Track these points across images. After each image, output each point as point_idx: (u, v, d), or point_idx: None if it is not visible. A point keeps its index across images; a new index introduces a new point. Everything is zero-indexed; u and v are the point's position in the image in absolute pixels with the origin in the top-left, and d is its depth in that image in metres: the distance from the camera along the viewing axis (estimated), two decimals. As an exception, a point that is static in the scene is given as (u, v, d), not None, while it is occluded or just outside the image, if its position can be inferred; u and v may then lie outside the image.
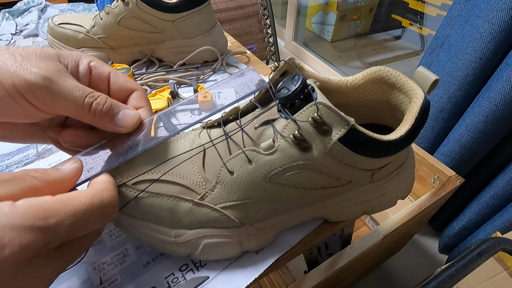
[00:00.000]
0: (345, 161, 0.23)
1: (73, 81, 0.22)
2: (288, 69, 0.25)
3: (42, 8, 0.98)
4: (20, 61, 0.20)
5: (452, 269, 0.34)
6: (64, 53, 0.23)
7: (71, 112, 0.22)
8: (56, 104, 0.21)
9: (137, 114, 0.24)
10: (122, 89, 0.25)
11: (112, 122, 0.23)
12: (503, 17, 0.49)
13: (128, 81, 0.26)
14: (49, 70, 0.21)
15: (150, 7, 0.47)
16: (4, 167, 0.36)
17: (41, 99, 0.20)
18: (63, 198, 0.17)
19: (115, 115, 0.23)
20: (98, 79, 0.25)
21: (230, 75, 0.55)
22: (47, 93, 0.20)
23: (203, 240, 0.25)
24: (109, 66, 0.26)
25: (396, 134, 0.22)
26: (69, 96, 0.21)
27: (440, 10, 1.04)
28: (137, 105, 0.25)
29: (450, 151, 0.63)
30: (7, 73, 0.19)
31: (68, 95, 0.21)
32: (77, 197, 0.18)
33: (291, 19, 1.51)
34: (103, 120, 0.23)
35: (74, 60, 0.24)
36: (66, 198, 0.17)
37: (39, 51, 0.22)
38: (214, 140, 0.26)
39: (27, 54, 0.21)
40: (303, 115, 0.22)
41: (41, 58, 0.21)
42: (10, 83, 0.19)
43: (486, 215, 0.63)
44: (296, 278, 0.37)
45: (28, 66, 0.20)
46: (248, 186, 0.24)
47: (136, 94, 0.26)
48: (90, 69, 0.24)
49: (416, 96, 0.22)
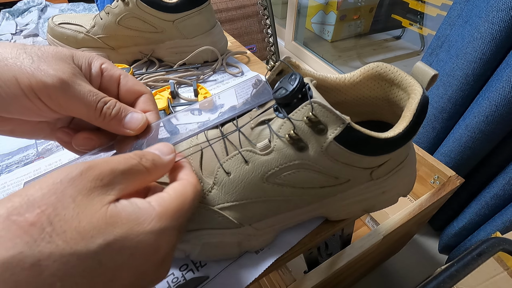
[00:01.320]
0: (342, 160, 0.23)
1: (87, 86, 0.23)
2: (285, 68, 0.25)
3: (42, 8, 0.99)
4: (37, 62, 0.21)
5: (452, 269, 0.34)
6: (78, 54, 0.24)
7: (83, 114, 0.23)
8: (70, 107, 0.22)
9: (144, 117, 0.25)
10: (131, 91, 0.26)
11: (120, 125, 0.24)
12: (503, 17, 0.49)
13: (137, 84, 0.27)
14: (66, 73, 0.21)
15: (150, 7, 0.47)
16: (4, 167, 0.36)
17: (56, 100, 0.21)
18: (179, 196, 0.19)
19: (123, 118, 0.24)
20: (109, 80, 0.25)
21: (230, 75, 0.55)
22: (62, 95, 0.21)
23: (202, 241, 0.25)
24: (119, 68, 0.26)
25: (394, 131, 0.22)
26: (83, 100, 0.22)
27: (440, 10, 1.04)
28: (145, 108, 0.26)
29: (450, 151, 0.63)
30: (24, 73, 0.20)
31: (82, 99, 0.22)
32: (186, 192, 0.19)
33: (291, 19, 1.51)
34: (112, 123, 0.24)
35: (88, 62, 0.24)
36: (180, 195, 0.19)
37: (55, 51, 0.22)
38: (211, 141, 0.25)
39: (43, 55, 0.21)
40: (298, 114, 0.21)
41: (57, 59, 0.22)
42: (27, 83, 0.20)
43: (486, 215, 0.63)
44: (296, 278, 0.37)
45: (45, 68, 0.21)
46: (245, 186, 0.24)
47: (145, 98, 0.27)
48: (102, 71, 0.25)
49: (415, 92, 0.22)
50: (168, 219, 0.17)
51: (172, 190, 0.19)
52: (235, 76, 0.55)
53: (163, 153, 0.21)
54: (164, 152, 0.21)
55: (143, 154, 0.19)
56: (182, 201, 0.19)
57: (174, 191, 0.19)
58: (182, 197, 0.19)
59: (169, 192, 0.19)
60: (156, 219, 0.17)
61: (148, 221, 0.16)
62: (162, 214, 0.17)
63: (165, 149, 0.21)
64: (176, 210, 0.18)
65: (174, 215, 0.18)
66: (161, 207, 0.17)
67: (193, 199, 0.20)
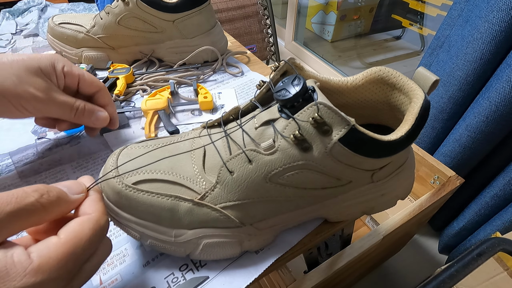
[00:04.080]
0: (345, 161, 0.23)
1: (61, 96, 0.31)
2: (288, 69, 0.25)
3: (42, 7, 0.98)
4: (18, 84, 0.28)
5: (452, 269, 0.34)
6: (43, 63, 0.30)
7: (61, 116, 0.32)
8: (50, 112, 0.32)
9: (107, 115, 0.35)
10: (89, 87, 0.35)
11: (90, 121, 0.34)
12: (503, 17, 0.49)
13: (94, 81, 0.35)
14: (42, 88, 0.29)
15: (150, 7, 0.47)
16: (4, 167, 0.36)
17: (39, 110, 0.30)
18: (71, 239, 0.18)
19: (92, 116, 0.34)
20: (71, 79, 0.33)
21: (230, 75, 0.55)
22: (44, 106, 0.30)
23: (203, 240, 0.25)
24: (78, 68, 0.34)
25: (397, 134, 0.22)
26: (60, 107, 0.31)
27: (440, 10, 1.04)
28: (103, 102, 0.36)
29: (450, 151, 0.63)
30: (12, 90, 0.28)
31: (59, 107, 0.31)
32: (82, 232, 0.18)
33: (291, 19, 1.51)
34: (85, 121, 0.34)
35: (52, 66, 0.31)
36: (73, 237, 0.18)
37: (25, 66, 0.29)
38: (215, 140, 0.26)
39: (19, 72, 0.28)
40: (304, 115, 0.22)
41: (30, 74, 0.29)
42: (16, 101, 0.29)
43: (486, 216, 0.63)
44: (296, 278, 0.37)
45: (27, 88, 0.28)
46: (248, 186, 0.24)
47: (102, 92, 0.36)
48: (64, 73, 0.32)
49: (416, 97, 0.22)
50: (47, 272, 0.16)
51: (64, 233, 0.18)
52: (235, 76, 0.55)
53: (71, 191, 0.20)
54: (72, 190, 0.20)
55: (47, 191, 0.18)
56: (73, 244, 0.18)
57: (66, 234, 0.18)
58: (74, 240, 0.18)
59: (60, 236, 0.18)
60: (31, 273, 0.15)
61: (19, 277, 0.15)
62: (40, 267, 0.16)
63: (74, 187, 0.21)
64: (62, 258, 0.17)
65: (57, 264, 0.17)
66: (40, 259, 0.16)
67: (91, 237, 0.19)
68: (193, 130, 0.29)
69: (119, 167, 0.25)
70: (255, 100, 0.26)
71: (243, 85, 0.52)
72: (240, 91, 0.51)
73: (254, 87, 0.52)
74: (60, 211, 0.19)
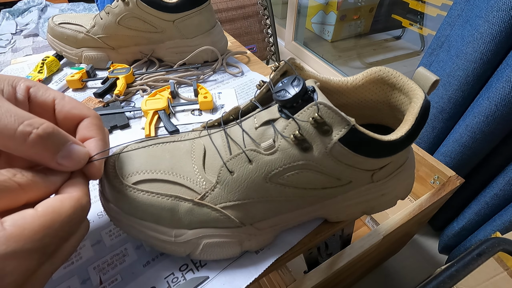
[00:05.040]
0: (345, 161, 0.23)
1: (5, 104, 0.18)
2: (288, 69, 0.25)
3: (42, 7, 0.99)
4: None
5: (452, 269, 0.34)
6: None
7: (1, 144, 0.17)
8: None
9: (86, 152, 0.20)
10: (69, 117, 0.22)
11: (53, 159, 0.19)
12: (503, 17, 0.49)
13: (76, 107, 0.22)
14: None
15: (150, 7, 0.47)
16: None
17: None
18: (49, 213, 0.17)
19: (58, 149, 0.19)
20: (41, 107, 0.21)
21: (230, 75, 0.55)
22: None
23: (203, 240, 0.25)
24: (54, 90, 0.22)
25: (397, 134, 0.22)
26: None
27: (440, 10, 1.04)
28: (86, 135, 0.22)
29: (450, 151, 0.63)
30: None
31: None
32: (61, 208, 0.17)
33: (291, 19, 1.51)
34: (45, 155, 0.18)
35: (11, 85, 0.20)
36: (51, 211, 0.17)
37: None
38: (215, 140, 0.26)
39: None
40: (304, 115, 0.22)
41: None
42: None
43: (486, 215, 0.63)
44: (296, 278, 0.37)
45: None
46: (248, 186, 0.24)
47: (87, 122, 0.22)
48: (30, 96, 0.21)
49: (416, 97, 0.22)
50: (21, 241, 0.15)
51: (41, 206, 0.17)
52: (235, 76, 0.55)
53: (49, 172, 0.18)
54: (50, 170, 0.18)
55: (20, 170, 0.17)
56: (50, 218, 0.16)
57: (44, 207, 0.17)
58: (52, 214, 0.17)
59: (37, 209, 0.17)
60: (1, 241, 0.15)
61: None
62: (12, 235, 0.15)
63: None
64: (39, 230, 0.16)
65: (33, 236, 0.16)
66: (14, 228, 0.15)
67: (70, 215, 0.17)
68: (193, 130, 0.29)
69: (119, 167, 0.25)
70: (255, 100, 0.26)
71: (243, 85, 0.52)
72: (240, 91, 0.51)
73: (254, 87, 0.52)
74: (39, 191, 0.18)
